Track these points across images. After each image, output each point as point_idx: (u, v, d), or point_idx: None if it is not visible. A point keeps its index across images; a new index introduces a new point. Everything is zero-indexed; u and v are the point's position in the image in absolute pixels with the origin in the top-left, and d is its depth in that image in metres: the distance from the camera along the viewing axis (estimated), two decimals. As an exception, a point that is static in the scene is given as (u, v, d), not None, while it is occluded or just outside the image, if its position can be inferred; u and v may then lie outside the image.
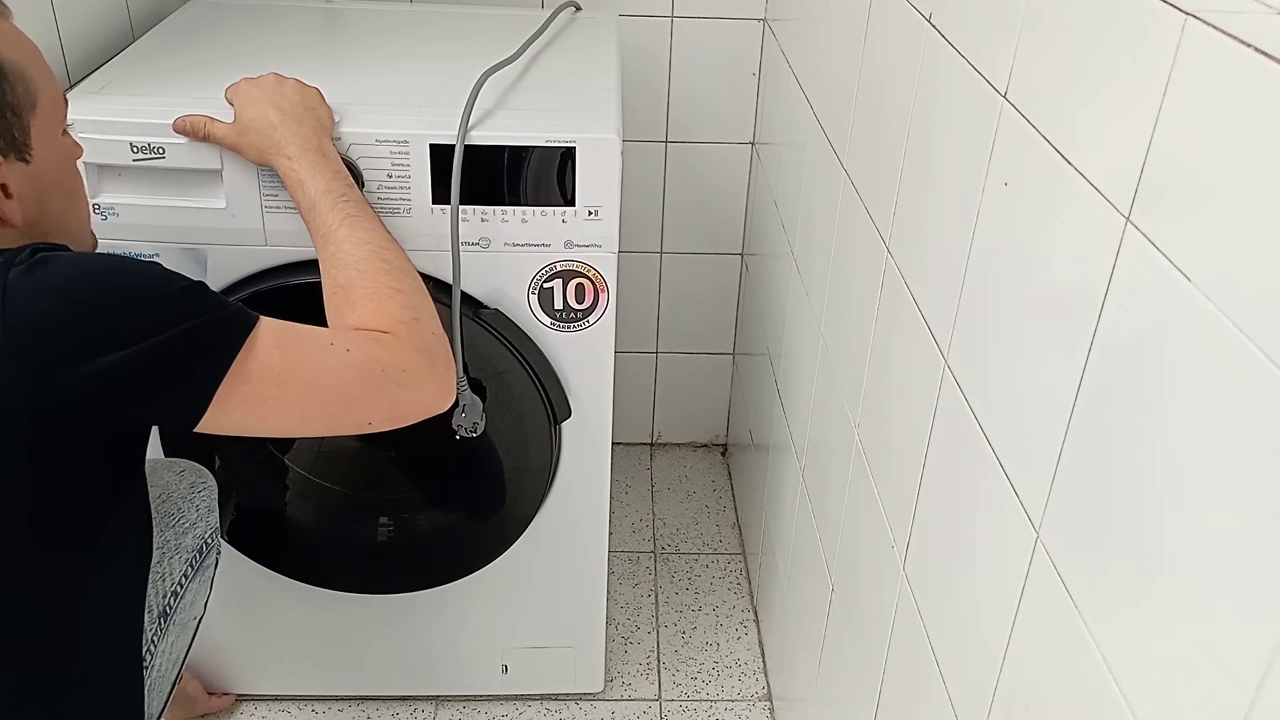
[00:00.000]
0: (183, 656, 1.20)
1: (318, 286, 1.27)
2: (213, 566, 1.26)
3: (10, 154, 0.86)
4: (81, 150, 1.00)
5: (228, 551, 1.46)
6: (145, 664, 1.10)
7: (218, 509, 1.26)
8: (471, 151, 1.22)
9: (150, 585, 1.12)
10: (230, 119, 1.16)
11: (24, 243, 0.86)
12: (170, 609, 1.15)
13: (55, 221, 0.91)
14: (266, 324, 0.89)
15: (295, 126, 1.13)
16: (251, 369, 0.87)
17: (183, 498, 1.21)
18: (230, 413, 0.87)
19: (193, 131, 1.17)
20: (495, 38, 1.49)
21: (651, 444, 2.28)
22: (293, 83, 1.18)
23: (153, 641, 1.11)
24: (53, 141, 0.91)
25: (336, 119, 1.21)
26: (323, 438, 1.57)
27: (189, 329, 0.84)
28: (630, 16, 1.79)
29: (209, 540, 1.24)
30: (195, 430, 0.87)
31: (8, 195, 0.86)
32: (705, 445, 2.28)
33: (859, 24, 1.18)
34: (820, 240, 1.36)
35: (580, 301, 1.32)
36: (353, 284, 1.03)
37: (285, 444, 1.54)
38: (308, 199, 1.09)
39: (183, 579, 1.18)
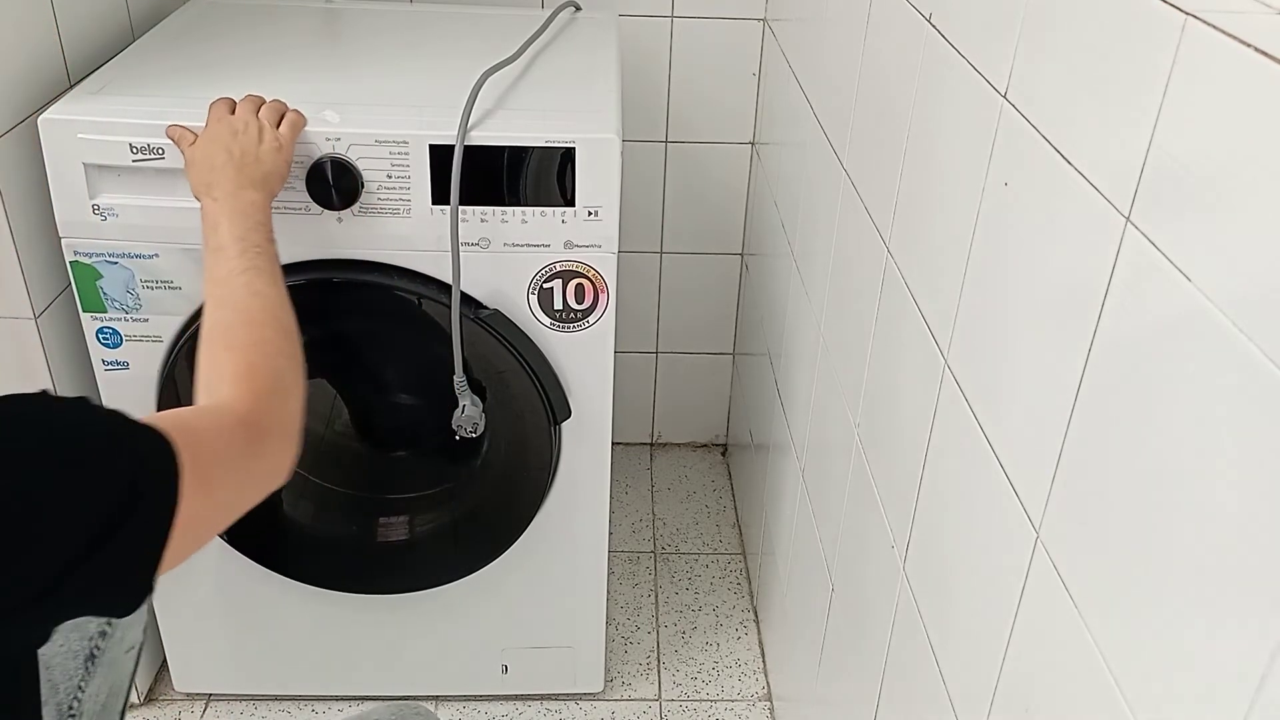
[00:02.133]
0: (126, 685, 1.13)
1: (316, 286, 1.28)
2: None
3: None
4: None
5: (228, 552, 1.46)
6: (72, 711, 1.04)
7: None
8: (471, 152, 1.22)
9: (72, 629, 1.05)
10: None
11: None
12: (98, 650, 1.07)
13: None
14: (186, 467, 0.72)
15: (233, 174, 1.10)
16: (181, 528, 0.71)
17: None
18: (163, 568, 0.71)
19: (177, 141, 1.18)
20: (495, 38, 1.49)
21: (651, 444, 2.28)
22: (254, 133, 1.14)
23: (79, 688, 1.05)
24: None
25: (331, 128, 1.21)
26: (322, 437, 1.57)
27: (127, 512, 0.67)
28: (630, 16, 1.79)
29: None
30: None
31: None
32: (705, 445, 2.28)
33: (859, 24, 1.18)
34: (820, 240, 1.36)
35: (580, 301, 1.32)
36: (237, 330, 0.97)
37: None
38: (217, 241, 1.05)
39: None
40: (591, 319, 1.34)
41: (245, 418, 0.87)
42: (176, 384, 1.33)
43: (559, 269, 1.30)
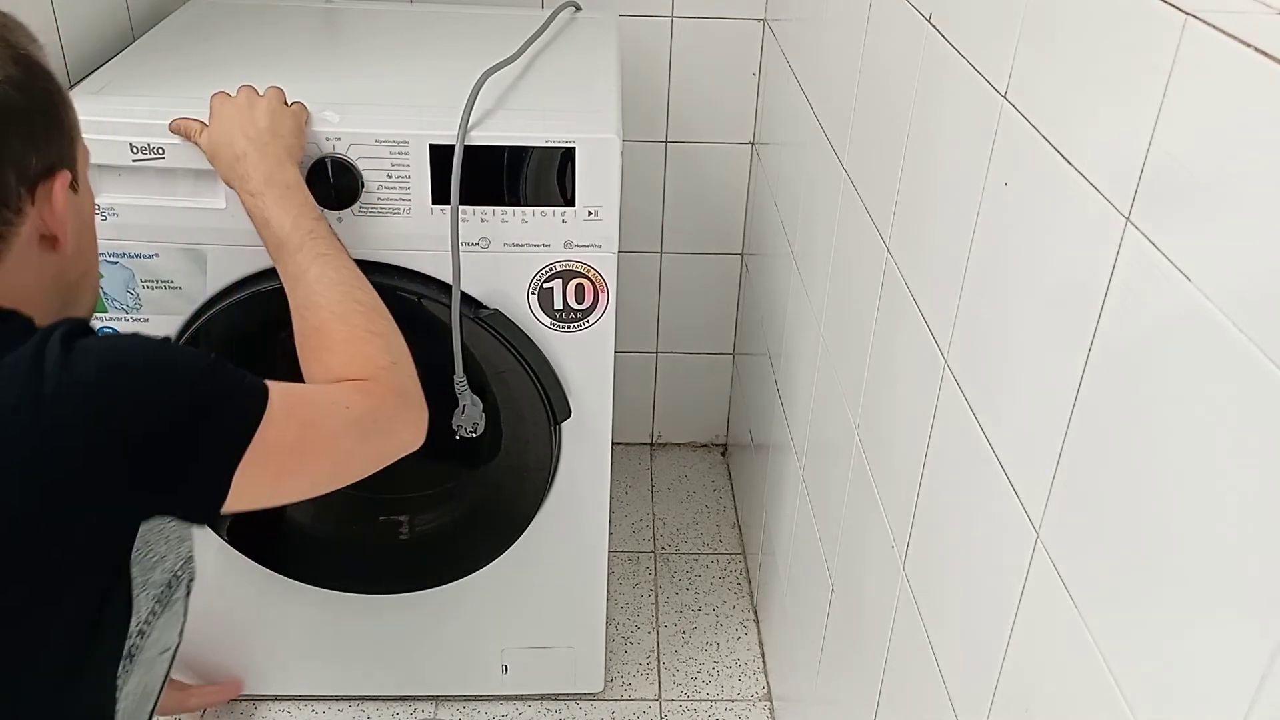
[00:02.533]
0: (158, 688, 1.14)
1: (318, 286, 1.27)
2: (183, 597, 1.19)
3: (67, 172, 0.83)
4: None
5: (228, 552, 1.46)
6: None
7: (190, 536, 1.18)
8: (471, 151, 1.22)
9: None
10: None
11: (59, 281, 0.85)
12: (136, 649, 1.08)
13: (84, 264, 0.90)
14: (276, 395, 0.86)
15: (258, 158, 1.10)
16: (268, 446, 0.85)
17: (150, 529, 1.12)
18: (249, 490, 0.84)
19: (185, 133, 1.17)
20: (495, 38, 1.49)
21: (651, 444, 2.28)
22: (264, 105, 1.14)
23: (116, 685, 1.03)
24: (85, 179, 0.89)
25: (331, 128, 1.21)
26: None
27: (206, 413, 0.82)
28: (630, 16, 1.79)
29: (178, 572, 1.17)
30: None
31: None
32: (705, 445, 2.28)
33: (859, 24, 1.18)
34: (820, 240, 1.36)
35: (580, 301, 1.32)
36: (328, 327, 1.02)
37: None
38: (274, 237, 1.07)
39: (150, 616, 1.11)
40: (591, 319, 1.34)
41: (357, 387, 0.97)
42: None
43: (559, 269, 1.30)
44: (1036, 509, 0.71)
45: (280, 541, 1.51)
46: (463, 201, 1.23)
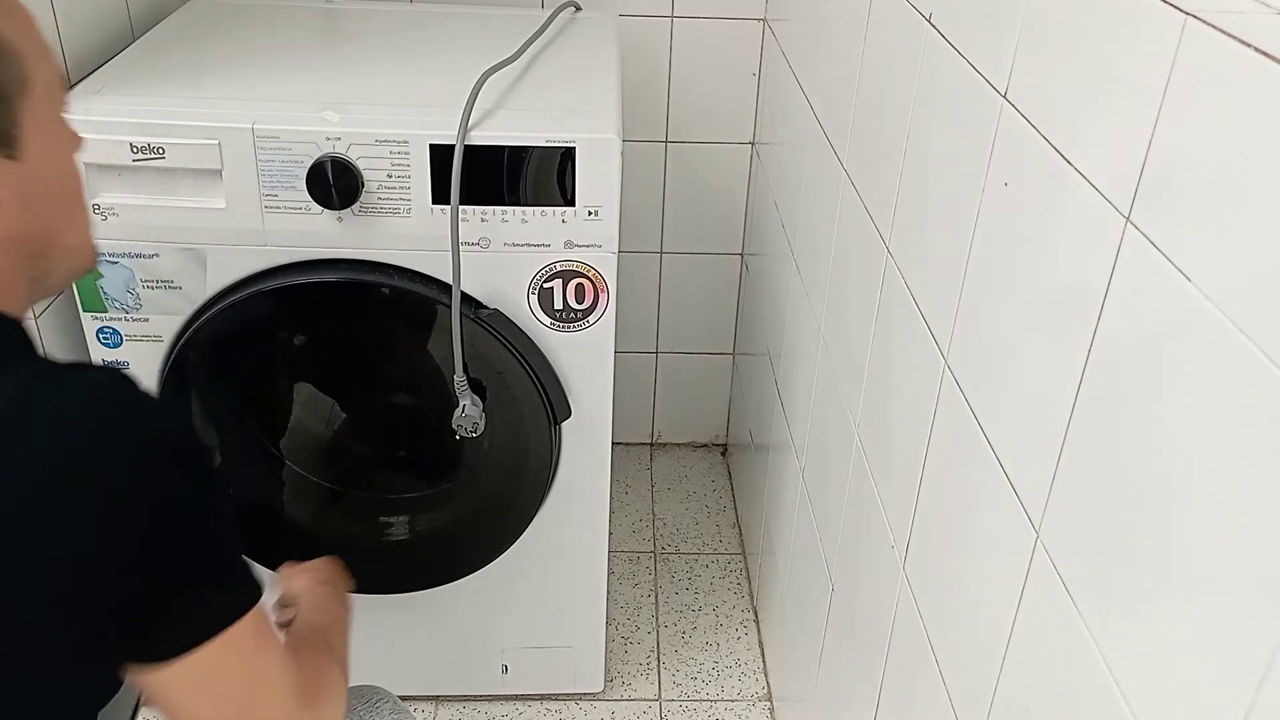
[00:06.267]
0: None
1: (317, 287, 1.28)
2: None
3: None
4: (80, 140, 0.80)
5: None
6: None
7: None
8: (471, 151, 1.22)
9: None
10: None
11: (13, 260, 0.74)
12: None
13: (51, 234, 0.76)
14: (258, 616, 0.76)
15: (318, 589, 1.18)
16: (222, 651, 0.74)
17: None
18: (177, 685, 0.73)
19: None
20: (495, 38, 1.49)
21: (651, 444, 2.28)
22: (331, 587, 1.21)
23: None
24: (49, 133, 0.74)
25: (331, 128, 1.21)
26: (322, 437, 1.57)
27: (201, 584, 0.73)
28: (630, 16, 1.79)
29: None
30: (142, 687, 0.74)
31: None
32: (705, 445, 2.28)
33: (859, 24, 1.18)
34: (820, 240, 1.36)
35: (580, 301, 1.32)
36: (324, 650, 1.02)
37: (281, 441, 1.54)
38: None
39: None
40: (591, 319, 1.34)
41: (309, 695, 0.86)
42: (176, 384, 1.33)
43: (559, 269, 1.30)
44: (1036, 509, 0.71)
45: (280, 541, 1.51)
46: (463, 201, 1.23)
